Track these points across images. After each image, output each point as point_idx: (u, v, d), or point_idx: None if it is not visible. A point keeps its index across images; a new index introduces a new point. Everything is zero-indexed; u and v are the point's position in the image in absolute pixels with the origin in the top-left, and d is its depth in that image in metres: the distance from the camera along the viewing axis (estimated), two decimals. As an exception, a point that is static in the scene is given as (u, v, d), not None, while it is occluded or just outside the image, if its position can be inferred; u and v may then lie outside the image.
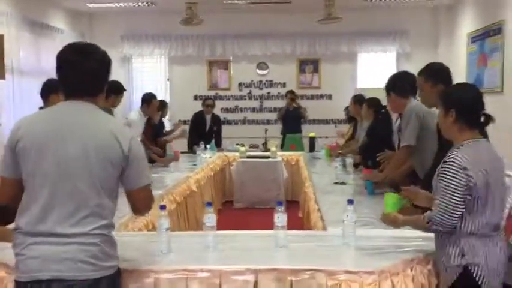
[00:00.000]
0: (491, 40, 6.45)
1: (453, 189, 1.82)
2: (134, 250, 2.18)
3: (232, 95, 8.86)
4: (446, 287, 1.91)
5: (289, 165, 6.80)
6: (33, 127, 1.72)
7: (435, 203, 1.89)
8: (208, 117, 7.19)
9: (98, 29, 8.52)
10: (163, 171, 4.94)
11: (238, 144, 7.53)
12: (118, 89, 4.41)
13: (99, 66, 1.77)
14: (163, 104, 6.37)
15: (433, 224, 1.87)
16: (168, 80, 8.75)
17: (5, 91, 5.92)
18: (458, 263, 1.86)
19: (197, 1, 6.81)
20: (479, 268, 1.84)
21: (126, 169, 1.74)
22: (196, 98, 8.65)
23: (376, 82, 6.84)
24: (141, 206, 1.88)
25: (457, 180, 1.82)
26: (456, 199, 1.82)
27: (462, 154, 1.86)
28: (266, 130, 7.31)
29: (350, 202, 2.20)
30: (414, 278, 1.99)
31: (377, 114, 4.71)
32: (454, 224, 1.84)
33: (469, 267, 1.84)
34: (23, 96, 6.29)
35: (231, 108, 8.86)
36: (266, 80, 8.83)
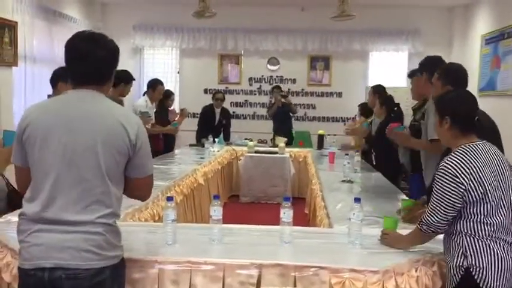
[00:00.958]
0: (505, 43, 6.38)
1: (441, 193, 1.89)
2: (140, 240, 2.19)
3: (242, 90, 8.83)
4: (451, 289, 1.90)
5: (296, 161, 6.80)
6: (39, 115, 1.72)
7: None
8: (217, 110, 7.20)
9: (111, 19, 8.51)
10: (170, 163, 4.96)
11: (246, 138, 7.55)
12: (127, 78, 4.43)
13: (107, 54, 1.76)
14: (167, 94, 6.31)
15: (423, 224, 1.95)
16: (178, 73, 8.75)
17: (18, 78, 5.90)
18: (460, 264, 1.86)
19: (210, -6, 6.79)
20: (482, 271, 1.82)
21: (133, 157, 1.74)
22: (206, 92, 8.64)
23: (387, 81, 6.78)
24: (146, 193, 1.90)
25: (447, 185, 1.87)
26: (443, 203, 1.88)
27: (455, 160, 1.88)
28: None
29: (357, 200, 2.19)
30: (418, 279, 1.98)
31: (390, 112, 4.71)
32: (442, 227, 1.91)
33: (471, 268, 1.84)
34: (35, 84, 6.26)
35: (241, 102, 8.85)
36: (276, 76, 8.78)
